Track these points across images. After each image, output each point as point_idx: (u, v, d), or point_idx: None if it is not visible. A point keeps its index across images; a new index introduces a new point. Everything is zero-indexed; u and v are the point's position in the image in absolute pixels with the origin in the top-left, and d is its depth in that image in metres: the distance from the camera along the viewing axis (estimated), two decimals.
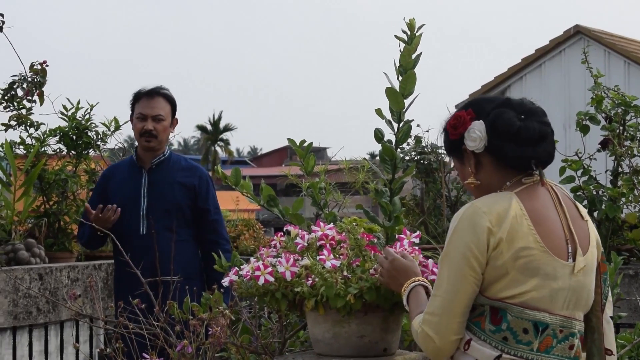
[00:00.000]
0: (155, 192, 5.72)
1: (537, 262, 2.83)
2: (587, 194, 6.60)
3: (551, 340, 2.87)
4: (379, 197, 4.18)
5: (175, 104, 5.88)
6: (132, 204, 5.68)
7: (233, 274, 3.58)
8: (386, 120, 4.13)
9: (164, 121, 5.74)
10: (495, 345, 2.85)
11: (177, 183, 5.75)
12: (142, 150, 5.80)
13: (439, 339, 2.86)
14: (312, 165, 4.42)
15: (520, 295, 2.83)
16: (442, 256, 2.91)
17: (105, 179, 5.93)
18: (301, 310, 3.44)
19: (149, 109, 5.72)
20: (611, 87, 6.94)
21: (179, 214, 5.68)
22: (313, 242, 3.49)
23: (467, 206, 2.90)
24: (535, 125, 2.93)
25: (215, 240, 5.71)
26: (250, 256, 3.77)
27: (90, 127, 7.77)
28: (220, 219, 5.90)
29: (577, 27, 17.89)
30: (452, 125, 3.00)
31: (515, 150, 2.90)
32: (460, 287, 2.84)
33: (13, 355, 6.86)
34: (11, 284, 6.63)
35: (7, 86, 7.16)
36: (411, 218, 8.59)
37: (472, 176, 3.00)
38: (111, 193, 5.75)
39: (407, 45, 4.04)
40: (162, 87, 5.84)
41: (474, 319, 2.89)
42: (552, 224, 2.90)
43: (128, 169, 5.85)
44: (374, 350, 3.43)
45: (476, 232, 2.82)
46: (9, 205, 7.32)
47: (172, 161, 5.83)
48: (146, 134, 5.70)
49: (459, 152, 3.03)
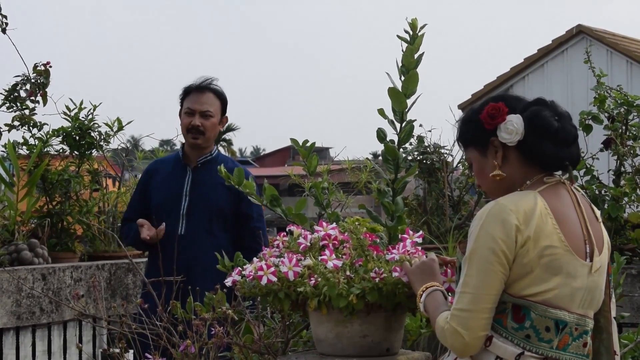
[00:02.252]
0: (198, 192, 5.56)
1: (561, 261, 2.86)
2: (589, 194, 6.62)
3: (568, 338, 2.91)
4: (381, 196, 4.17)
5: (226, 100, 5.73)
6: (172, 202, 5.55)
7: (236, 273, 3.58)
8: (389, 120, 4.13)
9: (213, 118, 5.59)
10: (518, 343, 2.88)
11: (222, 185, 5.35)
12: (188, 147, 5.64)
13: (468, 334, 2.86)
14: (315, 165, 4.41)
15: (544, 293, 2.86)
16: (468, 253, 2.90)
17: (149, 174, 5.80)
18: (304, 310, 3.45)
19: (198, 104, 5.57)
20: (614, 87, 6.99)
21: (220, 218, 5.51)
22: (316, 242, 3.49)
23: (492, 204, 2.90)
24: (569, 128, 2.98)
25: (255, 249, 5.28)
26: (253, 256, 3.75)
27: (93, 128, 7.77)
28: (263, 226, 5.67)
29: (579, 26, 17.92)
30: (490, 114, 2.98)
31: (552, 150, 2.93)
32: (489, 283, 2.85)
33: (16, 355, 6.86)
34: (14, 284, 6.61)
35: (10, 87, 7.18)
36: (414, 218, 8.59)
37: (497, 169, 2.99)
38: (153, 189, 5.65)
39: (410, 45, 4.04)
40: (213, 82, 5.69)
41: (496, 316, 2.90)
42: (572, 224, 2.94)
43: (173, 166, 5.70)
44: (376, 350, 3.44)
45: (505, 228, 2.83)
46: (12, 206, 7.33)
47: (219, 161, 5.52)
48: (193, 130, 5.54)
49: (484, 143, 3.04)
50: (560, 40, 18.19)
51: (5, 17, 7.10)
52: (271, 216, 21.05)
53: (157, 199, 5.58)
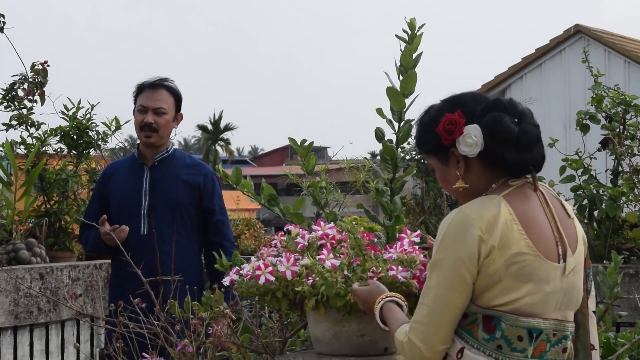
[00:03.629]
0: (158, 190, 5.45)
1: (531, 267, 2.78)
2: (587, 193, 6.64)
3: (545, 345, 2.84)
4: (379, 196, 4.17)
5: (180, 97, 5.59)
6: (132, 202, 5.43)
7: (234, 273, 3.57)
8: (387, 119, 4.12)
9: (166, 115, 5.45)
10: (490, 354, 2.81)
11: (181, 181, 5.47)
12: (143, 146, 5.53)
13: (426, 348, 2.81)
14: (313, 165, 4.40)
15: (514, 302, 2.78)
16: (430, 264, 2.86)
17: (106, 177, 5.66)
18: (302, 309, 3.45)
19: (151, 101, 5.43)
20: (611, 87, 6.97)
21: (182, 214, 5.41)
22: (314, 242, 3.49)
23: (454, 212, 2.83)
24: (531, 129, 2.88)
25: (219, 242, 5.43)
26: (251, 255, 3.76)
27: (91, 127, 7.81)
28: (226, 220, 5.60)
29: (577, 26, 17.96)
30: (447, 130, 2.88)
31: (515, 157, 2.84)
32: (447, 297, 2.79)
33: (14, 354, 6.87)
34: (12, 284, 6.62)
35: (8, 86, 7.22)
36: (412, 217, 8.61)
37: (460, 180, 2.92)
38: (111, 191, 5.51)
39: (408, 44, 4.02)
40: (167, 79, 5.57)
41: (466, 326, 2.85)
42: (541, 227, 2.86)
43: (129, 166, 5.58)
44: (374, 349, 3.43)
45: (467, 241, 2.76)
46: (9, 205, 7.34)
47: (176, 158, 5.55)
48: (146, 128, 5.42)
49: (444, 154, 2.95)
50: (558, 40, 18.23)
51: (2, 17, 7.13)
52: (269, 215, 21.08)
53: (116, 201, 5.48)
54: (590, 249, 6.54)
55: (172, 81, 5.57)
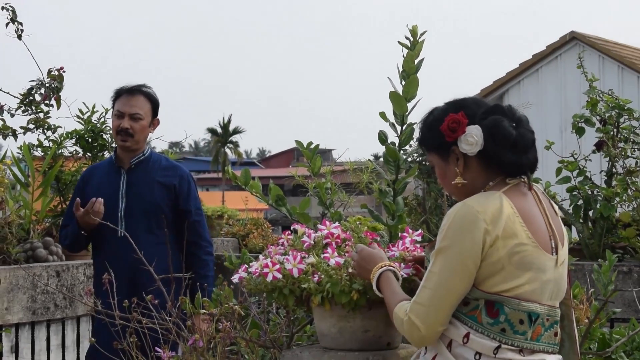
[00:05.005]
0: (134, 192, 5.44)
1: (531, 257, 2.92)
2: (582, 194, 6.67)
3: (541, 328, 2.98)
4: (382, 197, 4.23)
5: (157, 103, 5.58)
6: (110, 205, 5.38)
7: (242, 271, 3.60)
8: (390, 123, 4.21)
9: (142, 120, 5.44)
10: (494, 337, 2.93)
11: (157, 183, 5.47)
12: (120, 150, 5.52)
13: (425, 328, 2.92)
14: (319, 166, 4.48)
15: (516, 288, 2.91)
16: (436, 250, 2.95)
17: (84, 180, 5.67)
18: (308, 305, 3.49)
19: (127, 106, 5.43)
20: (605, 91, 6.97)
21: (159, 216, 5.36)
22: (319, 240, 3.53)
23: (459, 205, 2.94)
24: (528, 134, 3.02)
25: (195, 242, 5.41)
26: (259, 254, 3.77)
27: (105, 130, 7.90)
28: (202, 220, 5.59)
29: (572, 33, 17.89)
30: (451, 128, 3.01)
31: (512, 158, 2.99)
32: (450, 283, 2.90)
33: (32, 349, 6.92)
34: (30, 281, 6.67)
35: (26, 91, 7.21)
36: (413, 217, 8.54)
37: (459, 176, 3.04)
38: (89, 194, 5.43)
39: (410, 51, 4.11)
40: (144, 85, 5.56)
41: (469, 312, 2.96)
42: (537, 221, 3.00)
43: (107, 170, 5.58)
44: (378, 344, 3.48)
45: (473, 232, 2.88)
46: (27, 205, 7.38)
47: (152, 161, 5.54)
48: (122, 133, 5.41)
49: (445, 151, 3.08)
50: (554, 46, 18.10)
51: (20, 24, 7.17)
52: (276, 215, 21.05)
53: None
54: (586, 248, 6.56)
55: (150, 87, 5.57)
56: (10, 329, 6.67)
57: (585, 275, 5.74)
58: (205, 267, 5.44)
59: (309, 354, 3.55)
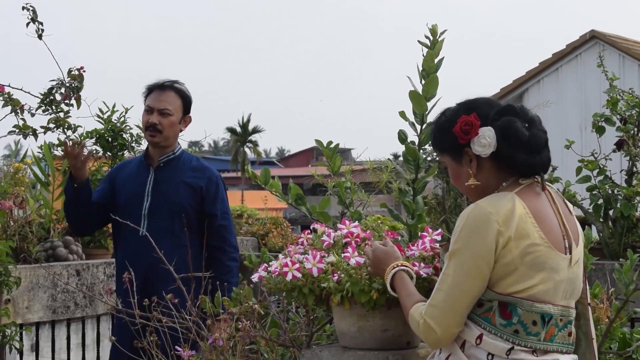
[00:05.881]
0: (160, 191, 5.31)
1: (544, 257, 2.92)
2: (602, 193, 6.67)
3: (554, 329, 2.99)
4: (402, 196, 4.24)
5: (189, 100, 5.46)
6: (135, 202, 5.30)
7: (262, 270, 3.60)
8: (409, 122, 4.20)
9: (172, 116, 5.33)
10: (507, 338, 2.94)
11: (183, 183, 5.33)
12: (150, 147, 5.42)
13: (441, 330, 2.95)
14: (339, 166, 4.47)
15: (529, 289, 2.92)
16: (449, 252, 2.97)
17: (115, 172, 5.61)
18: (327, 305, 3.51)
19: (157, 102, 5.33)
20: (626, 90, 6.98)
21: (182, 216, 5.16)
22: (339, 240, 3.54)
23: (472, 207, 2.95)
24: (540, 134, 3.03)
25: (220, 247, 5.29)
26: (278, 253, 3.75)
27: (125, 130, 7.97)
28: (229, 224, 5.42)
29: (592, 32, 17.81)
30: (464, 130, 3.01)
31: (525, 159, 2.99)
32: (464, 285, 2.92)
33: (52, 348, 6.98)
34: (50, 280, 6.71)
35: (46, 91, 7.23)
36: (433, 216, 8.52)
37: (472, 177, 3.05)
38: (117, 188, 5.40)
39: (430, 50, 4.11)
40: (177, 81, 5.44)
41: (483, 314, 2.97)
42: (551, 221, 3.00)
43: (137, 166, 5.48)
44: (397, 344, 3.48)
45: (485, 234, 2.89)
46: (47, 205, 7.42)
47: (182, 160, 5.41)
48: (150, 128, 5.31)
49: (458, 152, 3.08)
50: (574, 45, 18.04)
51: (41, 24, 7.18)
52: (295, 214, 21.10)
53: (120, 200, 5.36)
54: (606, 247, 6.56)
55: (182, 84, 5.47)
56: (31, 328, 6.70)
57: (606, 274, 5.73)
58: (228, 273, 5.24)
59: (329, 353, 3.55)
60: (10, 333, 6.02)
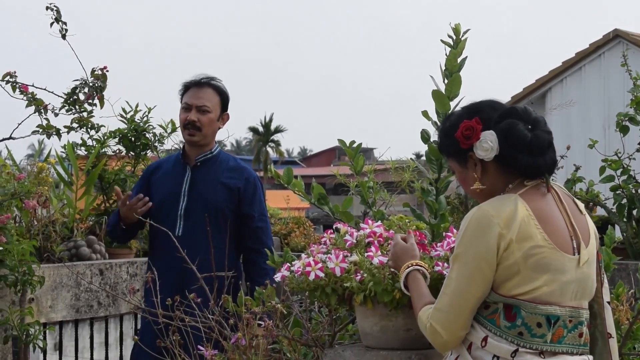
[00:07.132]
0: (196, 191, 5.19)
1: (547, 259, 2.92)
2: (626, 193, 6.66)
3: (562, 330, 2.97)
4: (425, 195, 4.25)
5: (227, 97, 5.34)
6: (171, 201, 5.18)
7: (285, 269, 3.60)
8: (432, 121, 4.20)
9: (210, 113, 5.22)
10: (512, 340, 2.94)
11: (220, 184, 5.20)
12: (187, 145, 5.29)
13: (447, 334, 2.97)
14: (362, 165, 4.46)
15: (533, 291, 2.92)
16: (453, 256, 2.99)
17: (149, 172, 5.46)
18: (350, 304, 3.50)
19: (195, 98, 5.21)
20: None
21: (219, 218, 5.09)
22: (361, 239, 3.54)
23: (474, 210, 2.97)
24: (544, 135, 3.02)
25: (257, 249, 5.16)
26: (301, 252, 3.74)
27: (148, 129, 7.95)
28: (266, 226, 5.32)
29: (616, 31, 17.70)
30: (465, 135, 3.03)
31: (528, 161, 2.99)
32: (468, 289, 2.93)
33: (75, 346, 7.01)
34: (73, 279, 6.72)
35: (70, 91, 7.24)
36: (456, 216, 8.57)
37: (477, 181, 3.07)
38: (153, 188, 5.30)
39: (453, 49, 4.13)
40: (214, 78, 5.34)
41: (489, 316, 2.98)
42: (556, 222, 2.99)
43: (173, 165, 5.35)
44: (420, 343, 3.46)
45: (486, 237, 2.90)
46: (71, 204, 7.45)
47: (219, 160, 5.29)
48: (189, 126, 5.19)
49: (462, 157, 3.10)
50: (597, 44, 17.93)
51: (65, 24, 7.21)
52: (318, 214, 21.11)
53: (156, 199, 5.23)
54: (629, 247, 6.55)
55: (220, 80, 5.37)
56: (54, 327, 6.72)
57: (630, 274, 5.72)
58: (265, 276, 4.83)
59: (351, 353, 3.55)
60: (34, 332, 6.05)
